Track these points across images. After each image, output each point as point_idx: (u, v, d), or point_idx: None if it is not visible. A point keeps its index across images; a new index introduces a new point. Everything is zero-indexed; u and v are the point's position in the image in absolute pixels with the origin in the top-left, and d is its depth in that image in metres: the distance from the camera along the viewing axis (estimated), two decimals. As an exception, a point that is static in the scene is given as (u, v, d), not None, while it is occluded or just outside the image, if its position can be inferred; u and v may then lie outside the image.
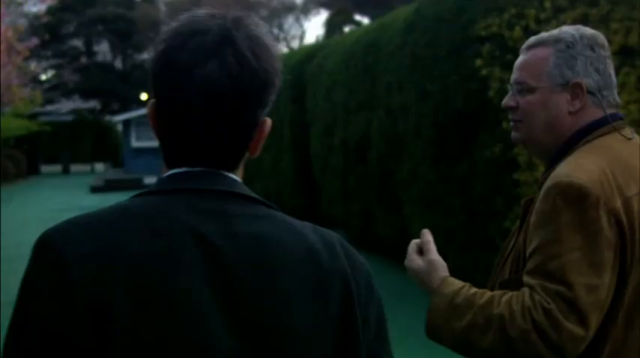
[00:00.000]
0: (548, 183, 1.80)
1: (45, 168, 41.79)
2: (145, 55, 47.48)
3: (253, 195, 1.25)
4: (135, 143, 34.23)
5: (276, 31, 39.86)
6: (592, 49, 1.89)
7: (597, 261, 1.70)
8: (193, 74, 1.18)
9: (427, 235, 2.00)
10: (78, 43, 47.07)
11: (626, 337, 1.76)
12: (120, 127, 40.64)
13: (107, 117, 44.45)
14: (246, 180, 1.31)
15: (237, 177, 1.27)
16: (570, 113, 1.89)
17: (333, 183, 11.78)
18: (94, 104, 44.78)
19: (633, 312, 1.76)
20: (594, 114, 1.88)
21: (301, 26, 40.98)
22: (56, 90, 42.85)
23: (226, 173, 1.25)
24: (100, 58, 47.66)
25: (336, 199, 11.75)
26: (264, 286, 1.16)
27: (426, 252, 1.97)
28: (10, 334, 1.12)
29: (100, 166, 42.63)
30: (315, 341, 1.18)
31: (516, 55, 2.06)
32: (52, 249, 1.13)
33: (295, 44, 37.18)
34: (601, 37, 1.93)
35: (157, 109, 1.25)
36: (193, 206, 1.18)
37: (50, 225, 1.23)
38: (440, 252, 2.01)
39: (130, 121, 34.56)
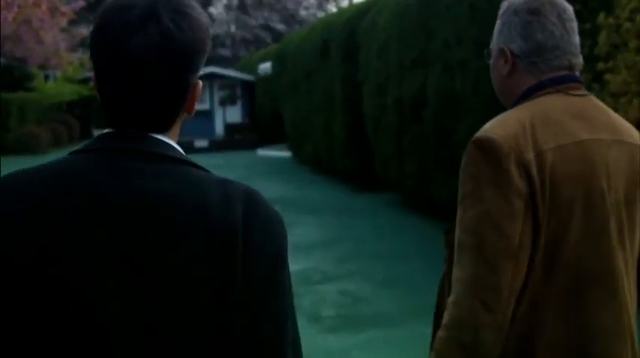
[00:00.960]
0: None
1: (97, 133, 41.87)
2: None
3: (169, 153, 1.37)
4: (185, 106, 34.18)
5: (325, -10, 39.29)
6: (516, 14, 1.97)
7: (507, 210, 1.78)
8: (120, 47, 1.32)
9: None
10: (127, 6, 47.10)
11: (545, 281, 1.84)
12: (170, 91, 40.62)
13: (157, 81, 44.52)
14: (297, 141, 1.26)
15: (165, 137, 1.39)
16: (505, 76, 2.01)
17: (387, 143, 11.44)
18: (144, 68, 44.91)
19: (551, 260, 1.84)
20: (531, 79, 1.97)
21: (350, -15, 40.22)
22: (106, 54, 43.05)
23: (151, 134, 1.37)
24: (149, 21, 47.64)
25: (390, 160, 11.42)
26: (149, 236, 1.29)
27: None
28: None
29: (151, 130, 42.86)
30: (196, 287, 1.30)
31: (587, 4, 1.93)
32: None
33: (345, 4, 36.54)
34: (536, 2, 1.97)
35: (96, 76, 1.38)
36: (101, 164, 1.33)
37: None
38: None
39: (180, 84, 34.47)
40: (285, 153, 20.74)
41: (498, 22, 2.02)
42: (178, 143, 1.43)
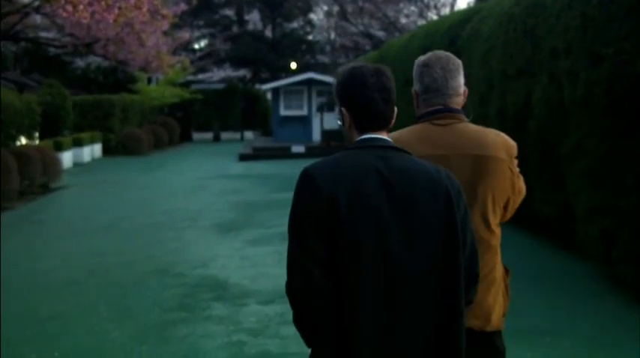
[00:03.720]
0: None
1: (197, 136, 42.82)
2: (295, 24, 47.57)
3: (397, 146, 2.48)
4: (283, 111, 34.34)
5: (426, -2, 38.82)
6: (417, 66, 3.07)
7: None
8: (370, 81, 2.45)
9: None
10: (229, 12, 47.65)
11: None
12: (269, 96, 40.95)
13: (257, 86, 44.89)
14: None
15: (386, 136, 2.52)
16: (415, 107, 3.11)
17: (487, 155, 11.03)
18: (244, 73, 45.34)
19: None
20: (420, 111, 3.08)
21: (452, -7, 39.57)
22: (208, 58, 43.67)
23: (385, 136, 2.50)
24: (250, 27, 48.03)
25: (490, 172, 11.01)
26: (407, 190, 2.36)
27: None
28: (290, 222, 2.39)
29: (249, 134, 43.25)
30: (433, 216, 2.37)
31: None
32: (309, 174, 2.39)
33: (446, 12, 35.97)
34: (424, 58, 3.06)
35: (349, 106, 2.50)
36: (372, 154, 2.41)
37: (194, 195, 15.18)
38: (610, 234, 2.65)
39: (279, 90, 34.64)
40: (382, 162, 20.47)
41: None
42: (276, 148, 1.82)
